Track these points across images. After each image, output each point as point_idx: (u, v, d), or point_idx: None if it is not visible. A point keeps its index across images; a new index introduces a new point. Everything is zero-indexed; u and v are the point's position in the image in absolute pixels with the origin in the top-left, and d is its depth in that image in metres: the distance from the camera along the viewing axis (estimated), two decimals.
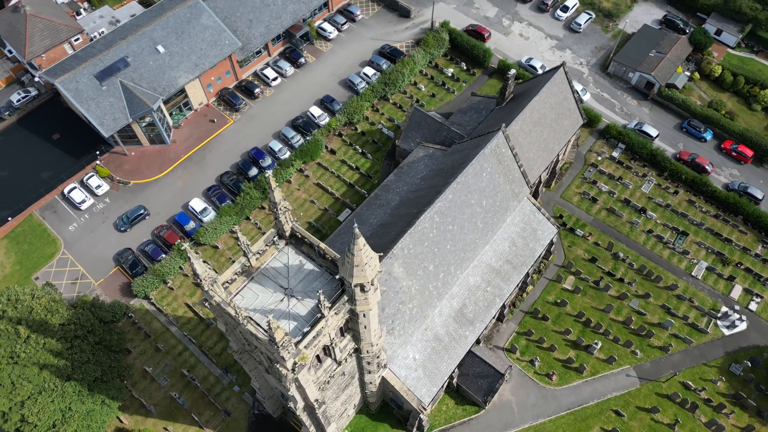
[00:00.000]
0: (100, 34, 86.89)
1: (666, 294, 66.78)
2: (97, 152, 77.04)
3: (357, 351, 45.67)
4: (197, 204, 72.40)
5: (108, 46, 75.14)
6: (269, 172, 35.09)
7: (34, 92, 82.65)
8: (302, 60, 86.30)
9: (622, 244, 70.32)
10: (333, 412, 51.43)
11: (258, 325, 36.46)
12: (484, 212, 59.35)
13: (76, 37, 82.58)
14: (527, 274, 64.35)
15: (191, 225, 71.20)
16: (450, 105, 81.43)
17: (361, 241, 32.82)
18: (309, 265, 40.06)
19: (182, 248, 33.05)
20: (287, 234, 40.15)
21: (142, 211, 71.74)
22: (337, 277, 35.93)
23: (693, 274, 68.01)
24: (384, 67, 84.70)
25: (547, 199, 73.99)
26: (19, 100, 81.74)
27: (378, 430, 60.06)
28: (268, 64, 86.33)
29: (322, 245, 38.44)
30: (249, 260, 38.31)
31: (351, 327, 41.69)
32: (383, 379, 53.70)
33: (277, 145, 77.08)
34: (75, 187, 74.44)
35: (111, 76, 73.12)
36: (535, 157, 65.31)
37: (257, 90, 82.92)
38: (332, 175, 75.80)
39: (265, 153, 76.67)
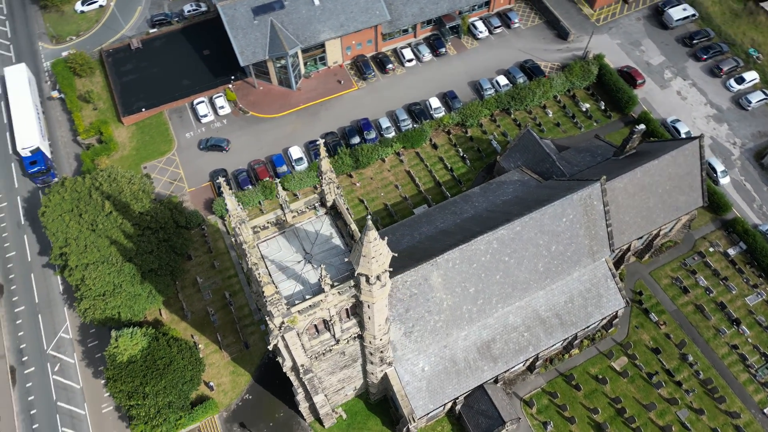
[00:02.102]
0: None
1: (723, 418, 59.05)
2: (232, 77, 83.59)
3: (361, 338, 46.09)
4: (295, 152, 76.17)
5: None
6: (321, 141, 36.06)
7: (203, 8, 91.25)
8: (443, 50, 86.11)
9: (696, 348, 63.00)
10: (327, 384, 52.58)
11: (269, 275, 38.11)
12: (550, 257, 56.09)
13: None
14: (575, 336, 60.24)
15: (283, 168, 75.23)
16: (570, 140, 77.00)
17: (373, 234, 32.81)
18: (337, 240, 40.90)
19: (217, 181, 35.12)
20: (328, 204, 41.18)
21: (223, 144, 77.33)
22: (346, 260, 36.36)
23: (766, 411, 59.28)
24: (519, 81, 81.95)
25: (633, 271, 68.02)
26: (189, 11, 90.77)
27: (370, 420, 60.51)
28: (409, 45, 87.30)
29: (354, 227, 38.96)
30: (285, 214, 39.97)
31: (358, 313, 42.10)
32: (385, 375, 53.67)
33: (385, 123, 78.31)
34: (203, 101, 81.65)
35: (265, 13, 78.35)
36: (630, 222, 60.18)
37: (390, 66, 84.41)
38: (425, 168, 75.65)
39: (373, 126, 78.32)
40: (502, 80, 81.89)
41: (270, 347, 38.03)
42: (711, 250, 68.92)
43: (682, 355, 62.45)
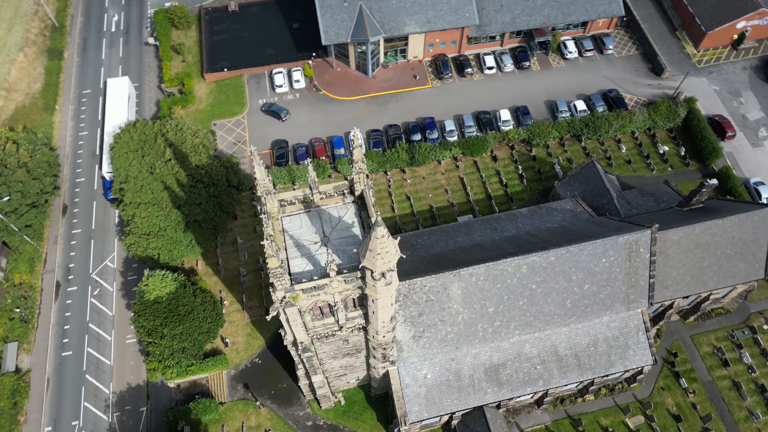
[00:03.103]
0: None
1: None
2: (313, 54, 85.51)
3: (365, 330, 46.33)
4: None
5: None
6: (356, 130, 36.31)
7: None
8: (527, 64, 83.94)
9: (722, 426, 58.62)
10: (328, 367, 53.34)
11: (286, 249, 39.03)
12: (581, 295, 53.84)
13: None
14: (592, 382, 57.63)
15: (341, 151, 76.31)
16: (638, 180, 73.21)
17: (381, 231, 32.77)
18: (357, 230, 41.18)
19: (251, 148, 36.17)
20: (357, 193, 41.48)
21: (282, 113, 79.89)
22: (354, 251, 36.56)
23: None
24: (598, 109, 78.51)
25: (674, 330, 64.05)
26: None
27: (366, 413, 60.89)
28: (493, 52, 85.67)
29: (374, 220, 38.95)
30: (312, 194, 40.68)
31: (364, 305, 42.30)
32: (387, 373, 53.69)
33: (450, 126, 77.53)
34: (281, 72, 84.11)
35: None
36: (677, 278, 56.60)
37: (469, 70, 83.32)
38: (479, 178, 74.36)
39: (437, 127, 77.77)
40: (580, 105, 78.80)
41: (268, 318, 39.08)
42: (765, 327, 63.61)
43: (705, 429, 58.29)
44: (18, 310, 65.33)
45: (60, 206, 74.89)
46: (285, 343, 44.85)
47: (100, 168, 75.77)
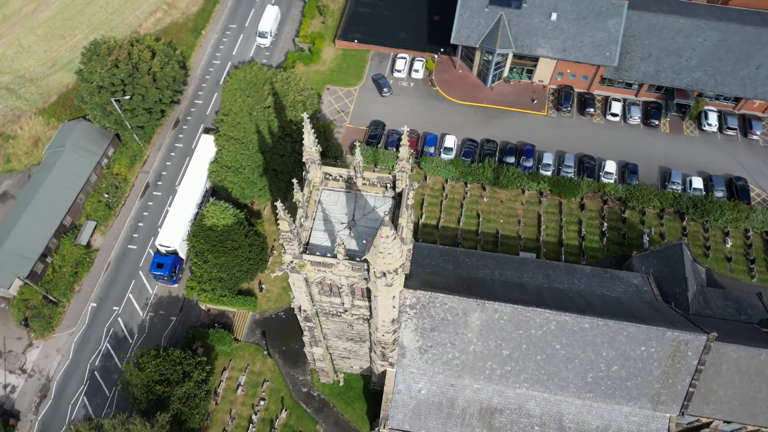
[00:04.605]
0: None
1: None
2: (441, 50, 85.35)
3: (369, 323, 46.57)
4: (449, 141, 76.31)
5: None
6: (406, 128, 36.01)
7: None
8: (656, 122, 77.73)
9: None
10: (332, 345, 54.39)
11: (312, 219, 40.15)
12: (606, 375, 49.98)
13: None
14: None
15: (431, 149, 76.09)
16: (731, 282, 65.70)
17: (387, 231, 32.51)
18: None
19: (303, 114, 37.42)
20: (398, 190, 41.42)
21: (386, 88, 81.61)
22: (364, 242, 36.61)
23: None
24: (717, 194, 71.00)
25: None
26: None
27: (358, 402, 61.55)
28: (624, 100, 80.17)
29: (403, 224, 38.80)
30: (355, 178, 41.28)
31: (369, 298, 42.49)
32: (385, 372, 53.69)
33: (548, 159, 74.11)
34: (404, 58, 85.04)
35: (500, 6, 77.43)
36: (723, 399, 50.58)
37: (591, 110, 78.84)
38: (558, 221, 70.66)
39: (534, 156, 74.73)
40: (697, 183, 71.69)
41: (273, 275, 40.57)
42: None
43: None
44: (107, 195, 73.32)
45: (174, 119, 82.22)
46: (292, 305, 46.34)
47: (155, 237, 69.24)
